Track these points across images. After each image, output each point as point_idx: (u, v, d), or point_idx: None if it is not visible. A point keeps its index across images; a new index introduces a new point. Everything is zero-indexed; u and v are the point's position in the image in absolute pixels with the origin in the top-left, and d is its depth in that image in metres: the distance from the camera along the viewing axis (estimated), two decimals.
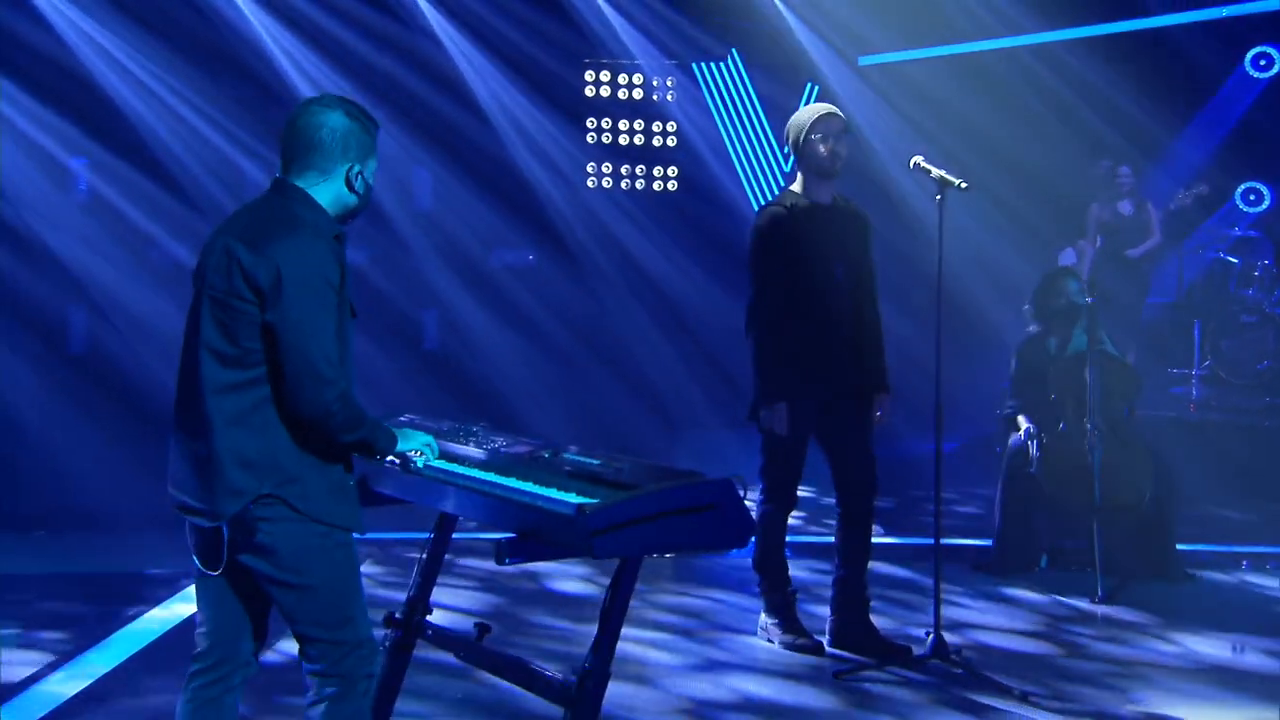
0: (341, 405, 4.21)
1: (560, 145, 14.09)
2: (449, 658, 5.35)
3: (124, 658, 7.06)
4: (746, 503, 4.40)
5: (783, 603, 7.19)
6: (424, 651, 5.40)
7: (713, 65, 14.35)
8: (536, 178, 13.97)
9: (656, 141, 14.35)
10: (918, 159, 7.01)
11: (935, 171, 6.88)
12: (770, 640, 7.18)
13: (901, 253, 11.62)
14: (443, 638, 5.15)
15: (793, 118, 7.12)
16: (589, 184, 14.21)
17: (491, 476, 4.57)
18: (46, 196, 11.99)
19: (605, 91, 14.25)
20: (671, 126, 14.30)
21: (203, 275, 4.31)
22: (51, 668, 6.88)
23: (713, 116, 14.39)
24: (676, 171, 14.30)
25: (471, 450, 4.88)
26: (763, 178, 14.39)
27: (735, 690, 6.66)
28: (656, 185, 14.27)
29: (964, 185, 6.82)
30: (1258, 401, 11.62)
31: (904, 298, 11.52)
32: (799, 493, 7.15)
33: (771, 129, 14.27)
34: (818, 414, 7.00)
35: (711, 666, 7.03)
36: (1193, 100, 14.20)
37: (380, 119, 4.64)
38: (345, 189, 4.40)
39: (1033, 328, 8.93)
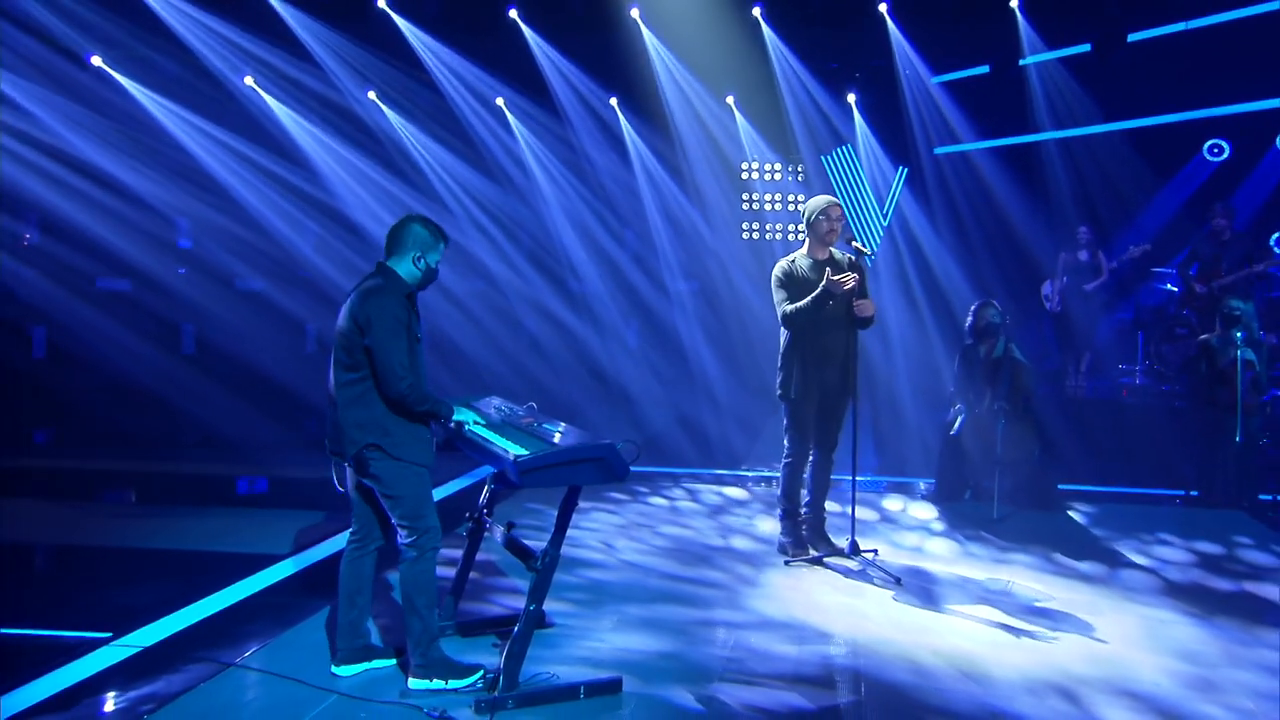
0: (409, 390, 4.96)
1: (722, 210, 14.66)
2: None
3: None
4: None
5: (794, 528, 7.30)
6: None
7: (831, 156, 14.65)
8: (705, 232, 14.61)
9: (791, 207, 14.72)
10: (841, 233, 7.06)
11: (855, 242, 7.06)
12: (785, 552, 7.22)
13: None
14: (491, 529, 5.77)
15: (809, 203, 7.16)
16: (742, 236, 14.73)
17: (491, 435, 5.18)
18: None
19: (755, 175, 14.73)
20: (801, 197, 14.66)
21: (339, 321, 5.19)
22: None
23: (833, 189, 14.67)
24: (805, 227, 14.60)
25: (499, 419, 5.47)
26: (870, 230, 14.61)
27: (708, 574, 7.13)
28: (790, 236, 14.67)
29: (871, 254, 7.18)
30: (1181, 390, 11.42)
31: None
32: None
33: (875, 197, 14.48)
34: (818, 395, 7.11)
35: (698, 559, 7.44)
36: (1162, 178, 13.82)
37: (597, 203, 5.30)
38: (412, 266, 5.20)
39: (968, 340, 9.15)
